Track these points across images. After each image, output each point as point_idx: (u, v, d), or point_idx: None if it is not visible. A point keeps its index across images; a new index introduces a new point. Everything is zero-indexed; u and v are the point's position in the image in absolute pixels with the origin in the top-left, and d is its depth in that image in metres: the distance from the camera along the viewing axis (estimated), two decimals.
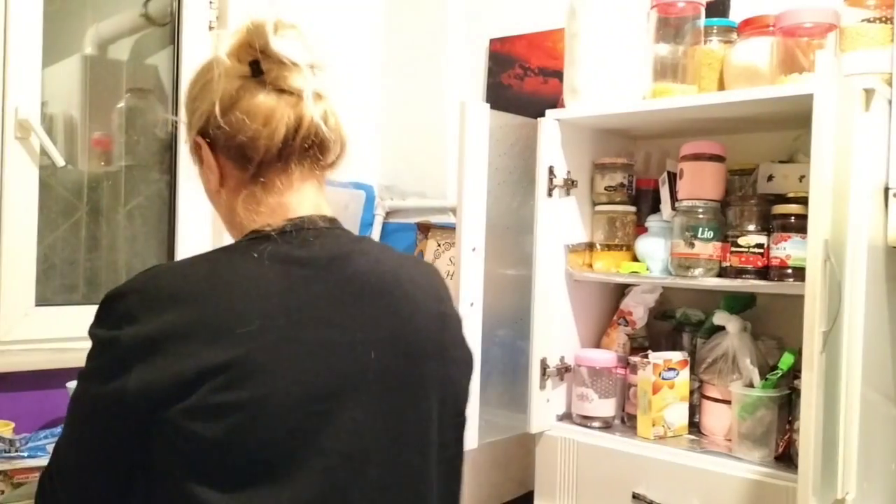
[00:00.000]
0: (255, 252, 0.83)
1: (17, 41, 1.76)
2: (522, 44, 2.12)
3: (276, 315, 0.80)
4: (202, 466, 0.77)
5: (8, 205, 1.75)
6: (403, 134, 2.39)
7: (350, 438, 0.81)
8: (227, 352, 0.76)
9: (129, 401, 0.77)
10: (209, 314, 0.78)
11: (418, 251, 2.28)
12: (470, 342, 1.44)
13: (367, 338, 0.84)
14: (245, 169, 0.87)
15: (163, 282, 0.81)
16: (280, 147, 0.86)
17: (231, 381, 0.76)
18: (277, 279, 0.82)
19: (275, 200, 0.87)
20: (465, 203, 1.48)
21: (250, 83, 0.86)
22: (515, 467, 1.92)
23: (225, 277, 0.81)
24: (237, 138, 0.86)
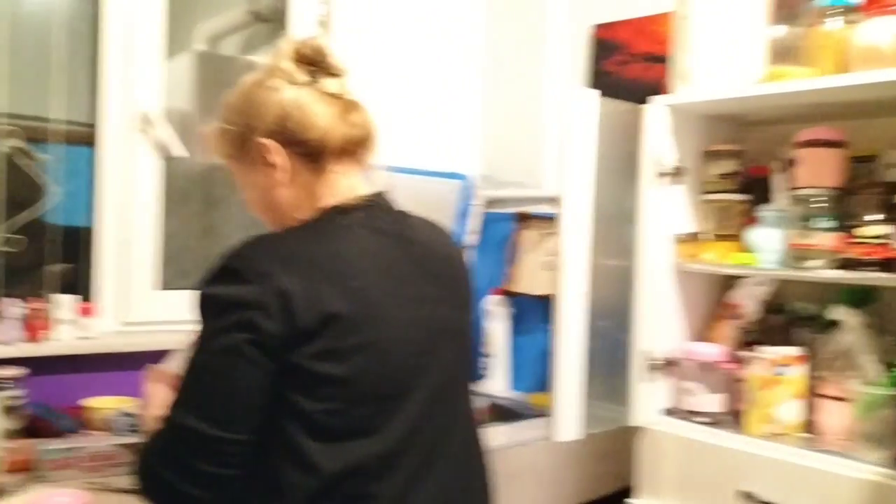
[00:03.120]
0: (344, 221, 0.99)
1: (142, 39, 1.86)
2: (627, 29, 2.07)
3: (375, 273, 0.95)
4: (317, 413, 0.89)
5: (133, 194, 1.86)
6: (502, 123, 2.39)
7: (438, 372, 0.99)
8: (344, 302, 0.90)
9: (267, 349, 0.86)
10: (326, 270, 0.91)
11: (516, 241, 2.28)
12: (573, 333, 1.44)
13: (436, 292, 1.02)
14: (308, 162, 1.00)
15: (279, 245, 0.94)
16: (342, 142, 1.00)
17: (351, 327, 0.90)
18: (368, 244, 0.98)
19: (337, 185, 1.01)
20: (571, 192, 1.46)
21: (310, 90, 1.00)
22: (614, 461, 1.89)
23: (328, 241, 0.96)
24: (303, 136, 0.99)
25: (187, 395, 0.90)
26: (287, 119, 0.99)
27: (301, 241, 0.96)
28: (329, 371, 0.88)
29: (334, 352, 0.89)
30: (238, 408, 0.88)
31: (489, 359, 2.23)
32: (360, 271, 0.94)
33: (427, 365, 0.98)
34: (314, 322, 0.87)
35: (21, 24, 1.77)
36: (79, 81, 1.84)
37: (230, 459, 0.88)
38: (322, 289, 0.89)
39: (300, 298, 0.87)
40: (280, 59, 1.02)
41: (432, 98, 2.34)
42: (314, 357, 0.88)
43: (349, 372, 0.89)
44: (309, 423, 0.89)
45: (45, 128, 1.81)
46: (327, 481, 0.89)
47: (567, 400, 1.47)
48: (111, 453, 1.40)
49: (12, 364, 1.55)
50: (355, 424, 0.91)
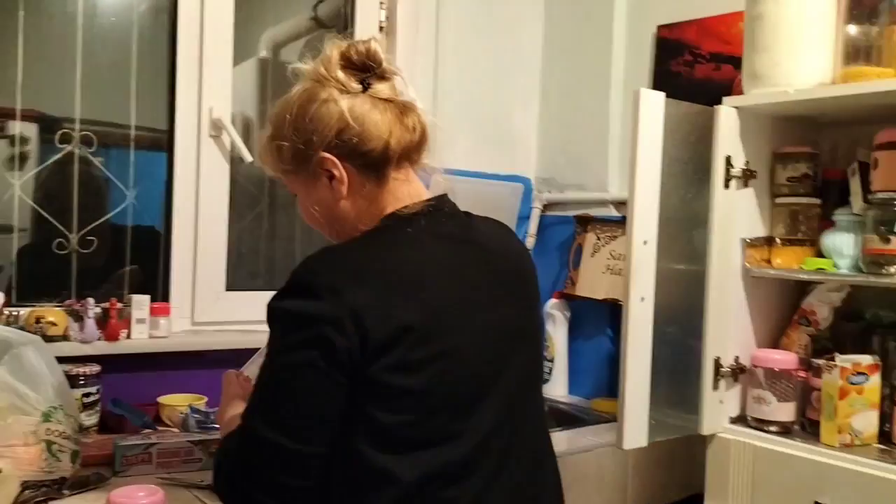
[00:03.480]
0: (409, 228, 0.98)
1: (212, 47, 1.91)
2: (693, 29, 2.04)
3: (443, 281, 0.95)
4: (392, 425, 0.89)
5: (203, 198, 1.91)
6: (563, 126, 2.37)
7: (510, 376, 0.98)
8: (417, 313, 0.90)
9: (341, 364, 0.87)
10: (396, 282, 0.91)
11: (576, 245, 2.26)
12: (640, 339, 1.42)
13: (505, 294, 1.01)
14: (370, 172, 0.99)
15: (349, 259, 0.94)
16: (402, 149, 1.00)
17: (424, 338, 0.89)
18: (434, 251, 0.97)
19: (399, 193, 1.01)
20: (638, 195, 1.44)
21: (365, 98, 0.99)
22: (680, 469, 1.86)
23: (397, 251, 0.96)
24: (364, 147, 0.97)
25: (264, 408, 0.91)
26: (345, 131, 0.97)
27: (369, 252, 0.95)
28: (404, 383, 0.88)
29: (408, 364, 0.88)
30: (314, 421, 0.89)
31: (549, 363, 2.22)
32: (429, 281, 0.94)
33: (500, 369, 0.98)
34: (387, 336, 0.87)
35: (98, 33, 1.83)
36: (151, 88, 1.89)
37: (307, 472, 0.89)
38: (393, 302, 0.89)
39: (371, 313, 0.87)
40: (330, 68, 1.00)
41: (492, 101, 2.34)
42: (388, 370, 0.88)
43: (424, 383, 0.89)
44: (385, 435, 0.89)
45: (118, 133, 1.86)
46: (406, 490, 0.89)
47: (634, 407, 1.45)
48: (183, 449, 1.43)
49: (90, 361, 1.61)
50: (432, 434, 0.91)
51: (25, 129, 1.74)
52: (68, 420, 1.30)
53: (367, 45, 1.00)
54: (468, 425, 0.93)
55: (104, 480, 1.33)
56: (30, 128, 1.75)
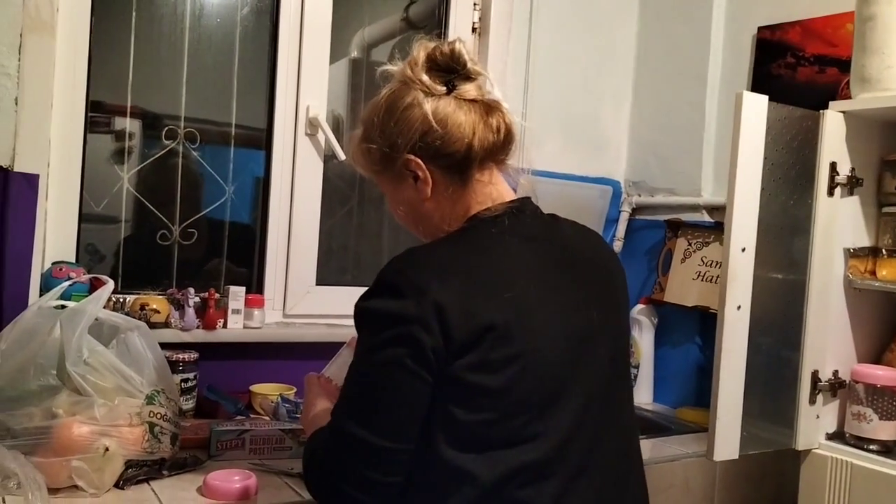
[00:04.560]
0: (493, 229, 0.99)
1: (310, 47, 1.96)
2: (796, 31, 1.97)
3: (526, 281, 0.95)
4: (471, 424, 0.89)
5: (298, 194, 1.96)
6: (655, 128, 2.32)
7: (591, 379, 0.97)
8: (500, 313, 0.90)
9: (427, 361, 0.88)
10: (479, 282, 0.92)
11: (666, 250, 2.22)
12: (735, 348, 1.38)
13: (588, 297, 1.01)
14: (454, 173, 1.01)
15: (433, 258, 0.96)
16: (486, 150, 1.00)
17: (505, 338, 0.90)
18: (518, 251, 0.97)
19: (483, 193, 1.02)
20: (737, 200, 1.40)
21: (449, 99, 1.00)
22: (770, 484, 1.80)
23: (481, 252, 0.97)
24: (448, 149, 0.99)
25: (353, 406, 0.94)
26: (429, 134, 0.99)
27: (453, 253, 0.97)
28: (484, 382, 0.89)
29: (489, 363, 0.89)
30: (402, 419, 0.91)
31: (634, 370, 2.18)
32: (512, 281, 0.94)
33: (581, 371, 0.97)
34: (469, 335, 0.88)
35: (203, 34, 1.90)
36: (251, 88, 1.96)
37: (395, 467, 0.92)
38: (476, 302, 0.90)
39: (455, 312, 0.88)
40: (415, 70, 1.02)
41: (583, 102, 2.32)
42: (469, 369, 0.89)
43: (504, 383, 0.90)
44: (464, 434, 0.90)
45: (219, 130, 1.94)
46: (483, 489, 0.89)
47: (727, 418, 1.41)
48: (274, 437, 1.47)
49: (188, 348, 1.68)
50: (511, 434, 0.91)
51: (130, 126, 1.82)
52: (169, 404, 1.36)
53: (451, 46, 1.02)
54: (546, 426, 0.92)
55: (200, 463, 1.38)
56: (134, 124, 1.83)
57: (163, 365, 1.44)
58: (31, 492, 1.06)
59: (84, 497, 1.19)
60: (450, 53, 1.01)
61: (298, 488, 1.31)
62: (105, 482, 1.22)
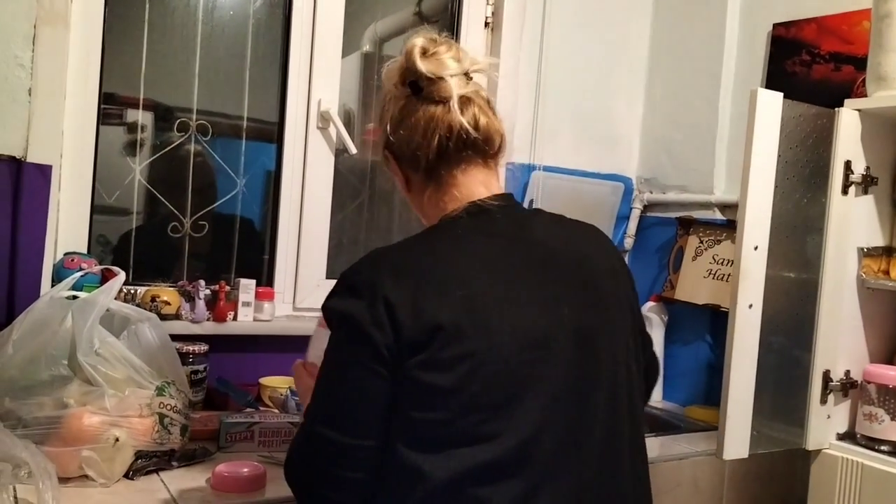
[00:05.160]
0: (457, 230, 0.99)
1: (323, 40, 1.96)
2: (812, 28, 1.95)
3: (485, 279, 0.94)
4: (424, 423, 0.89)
5: (309, 187, 1.96)
6: (668, 125, 2.31)
7: (559, 378, 0.93)
8: (451, 312, 0.89)
9: (382, 359, 0.89)
10: (433, 281, 0.92)
11: (677, 247, 2.21)
12: (746, 347, 1.36)
13: (557, 295, 0.97)
14: (419, 172, 1.03)
15: (391, 259, 0.96)
16: (437, 153, 1.01)
17: (455, 337, 0.89)
18: (479, 250, 0.97)
19: (452, 192, 1.02)
20: (750, 198, 1.39)
21: (412, 101, 1.02)
22: (778, 484, 1.79)
23: (439, 251, 0.97)
24: (408, 149, 1.02)
25: (318, 406, 0.94)
26: (394, 132, 1.03)
27: (413, 251, 0.98)
28: (434, 381, 0.88)
29: (439, 362, 0.88)
30: (365, 415, 0.91)
31: None
32: (468, 280, 0.93)
33: (546, 370, 0.93)
34: (419, 334, 0.88)
35: (216, 26, 1.90)
36: (263, 81, 1.96)
37: (362, 464, 0.91)
38: (428, 300, 0.90)
39: (406, 311, 0.89)
40: (393, 65, 1.04)
41: (596, 98, 2.31)
42: (419, 367, 0.88)
43: (454, 382, 0.89)
44: (417, 433, 0.90)
45: (230, 124, 1.94)
46: (435, 488, 0.88)
47: (737, 416, 1.41)
48: (283, 430, 1.48)
49: (199, 340, 1.68)
50: (465, 433, 0.90)
51: (142, 118, 1.83)
52: (179, 395, 1.36)
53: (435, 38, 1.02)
54: (505, 426, 0.90)
55: (209, 455, 1.39)
56: (146, 116, 1.83)
57: (173, 356, 1.45)
58: (42, 481, 1.06)
59: (94, 487, 1.20)
60: (424, 47, 1.01)
61: None
62: (115, 472, 1.23)
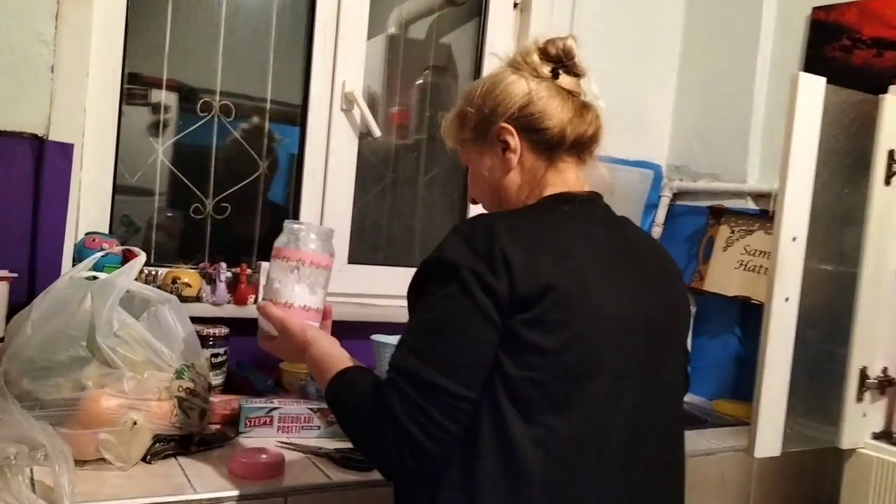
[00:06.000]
0: (564, 208, 1.04)
1: (348, 21, 1.92)
2: (853, 12, 1.88)
3: (592, 257, 0.98)
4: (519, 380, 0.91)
5: (332, 170, 1.93)
6: (700, 111, 2.25)
7: (637, 362, 0.99)
8: (561, 277, 0.93)
9: (498, 308, 0.91)
10: (546, 246, 0.96)
11: (708, 237, 2.15)
12: (781, 341, 1.32)
13: (647, 292, 1.03)
14: (542, 151, 1.07)
15: (504, 219, 1.00)
16: (574, 139, 1.07)
17: (563, 302, 0.92)
18: (585, 231, 1.01)
19: (562, 177, 1.07)
20: (789, 188, 1.34)
21: (552, 84, 1.08)
22: (809, 482, 1.75)
23: (551, 223, 1.01)
24: (546, 126, 1.06)
25: (434, 355, 0.93)
26: (528, 107, 1.06)
27: (524, 218, 1.02)
28: (537, 340, 0.91)
29: (545, 322, 0.91)
30: (477, 364, 0.92)
31: None
32: (577, 254, 0.97)
33: (623, 360, 0.97)
34: (531, 290, 0.91)
35: (240, 6, 1.87)
36: (287, 63, 1.93)
37: (463, 416, 0.92)
38: (542, 260, 0.93)
39: (521, 266, 0.92)
40: (528, 53, 1.10)
41: (626, 83, 2.25)
42: (526, 324, 0.91)
43: (556, 345, 0.92)
44: (511, 388, 0.92)
45: (254, 105, 1.91)
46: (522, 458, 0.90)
47: (769, 413, 1.36)
48: (303, 416, 1.46)
49: (219, 323, 1.66)
50: (551, 398, 0.92)
51: (166, 98, 1.81)
52: (199, 379, 1.34)
53: (564, 41, 1.11)
54: (583, 404, 0.93)
55: (228, 440, 1.37)
56: (169, 96, 1.81)
57: (193, 339, 1.42)
58: (58, 464, 1.05)
59: (111, 470, 1.18)
60: (562, 47, 1.10)
61: (326, 468, 1.29)
62: (132, 456, 1.21)
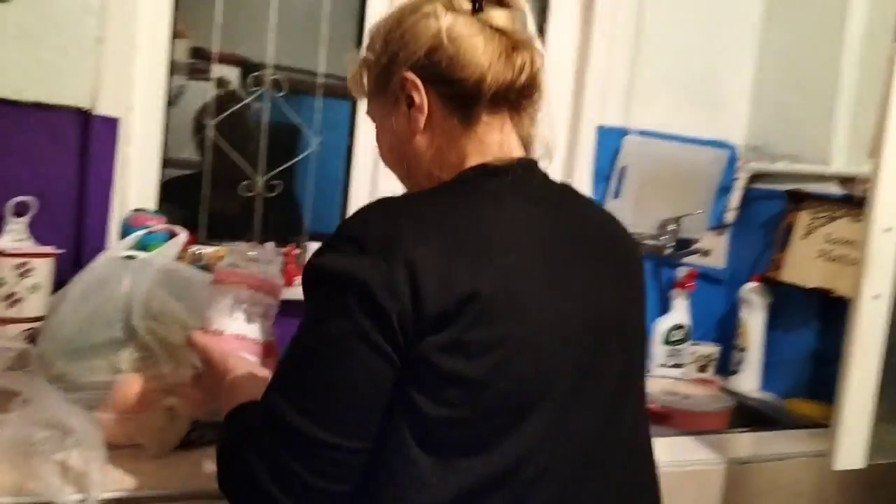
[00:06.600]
0: (493, 185, 0.82)
1: None
2: None
3: (527, 250, 0.78)
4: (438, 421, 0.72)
5: None
6: (781, 87, 2.09)
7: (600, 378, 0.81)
8: (486, 282, 0.72)
9: (392, 335, 0.71)
10: (467, 242, 0.75)
11: (786, 224, 2.00)
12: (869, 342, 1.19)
13: (605, 281, 0.84)
14: (456, 108, 0.85)
15: (412, 210, 0.78)
16: (500, 88, 0.84)
17: (489, 314, 0.72)
18: (520, 214, 0.80)
19: (490, 139, 0.85)
20: (885, 173, 1.19)
21: (472, 20, 0.84)
22: (884, 497, 1.60)
23: (473, 207, 0.79)
24: (461, 75, 0.83)
25: (297, 391, 0.74)
26: (437, 52, 0.83)
27: (438, 205, 0.79)
28: (456, 368, 0.71)
29: (465, 345, 0.71)
30: (361, 408, 0.73)
31: (741, 353, 1.99)
32: (508, 247, 0.76)
33: (586, 366, 0.80)
34: (447, 304, 0.70)
35: None
36: (340, 36, 1.86)
37: (346, 472, 0.73)
38: (459, 265, 0.72)
39: (432, 275, 0.71)
40: None
41: (701, 55, 2.10)
42: (441, 349, 0.71)
43: (483, 373, 0.72)
44: (427, 431, 0.73)
45: (307, 80, 1.85)
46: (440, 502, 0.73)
47: (854, 421, 1.23)
48: None
49: None
50: (479, 439, 0.73)
51: (226, 73, 1.77)
52: None
53: None
54: (516, 432, 0.74)
55: None
56: (221, 70, 1.77)
57: None
58: (89, 450, 1.01)
59: (145, 457, 1.15)
60: None
61: None
62: (168, 442, 1.17)
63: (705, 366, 2.07)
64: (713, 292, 2.15)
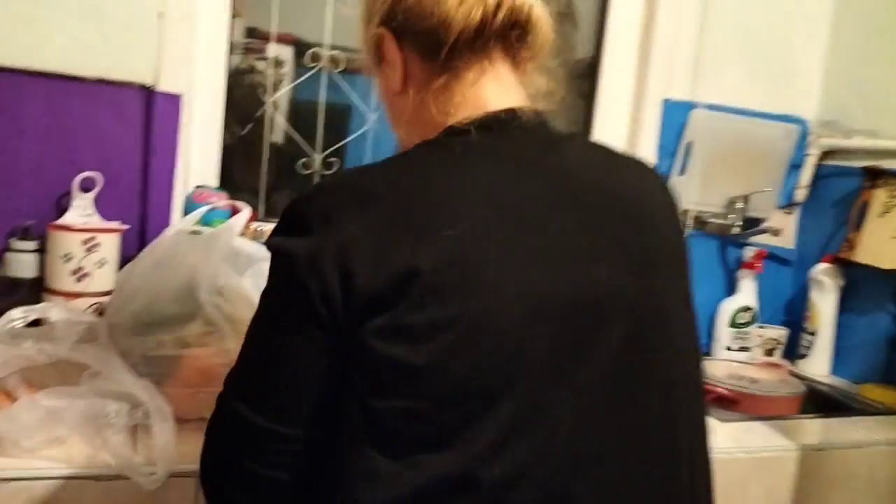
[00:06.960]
0: (455, 146, 0.72)
1: None
2: None
3: (486, 216, 0.67)
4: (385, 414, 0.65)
5: None
6: (856, 59, 1.99)
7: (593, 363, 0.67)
8: (434, 256, 0.64)
9: (325, 320, 0.66)
10: (412, 213, 0.67)
11: (861, 202, 1.91)
12: None
13: (593, 247, 0.70)
14: (434, 59, 0.76)
15: (356, 182, 0.71)
16: (477, 28, 0.74)
17: (438, 292, 0.63)
18: (483, 176, 0.70)
19: (471, 92, 0.76)
20: None
21: None
22: None
23: (424, 173, 0.70)
24: (427, 21, 0.74)
25: (238, 370, 0.73)
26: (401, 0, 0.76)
27: (389, 173, 0.72)
28: (400, 355, 0.64)
29: (408, 329, 0.64)
30: (291, 394, 0.69)
31: (810, 337, 1.92)
32: (462, 213, 0.66)
33: (570, 347, 0.67)
34: (382, 285, 0.63)
35: None
36: None
37: (279, 459, 0.70)
38: (400, 239, 0.64)
39: (365, 252, 0.64)
40: None
41: (771, 26, 2.01)
42: (379, 335, 0.64)
43: (430, 358, 0.63)
44: (377, 423, 0.66)
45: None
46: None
47: None
48: None
49: None
50: (437, 433, 0.65)
51: (281, 52, 1.76)
52: None
53: None
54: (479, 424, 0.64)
55: None
56: (279, 48, 1.76)
57: None
58: (159, 423, 1.02)
59: None
60: None
61: None
62: None
63: (772, 349, 2.00)
64: (781, 273, 2.08)
